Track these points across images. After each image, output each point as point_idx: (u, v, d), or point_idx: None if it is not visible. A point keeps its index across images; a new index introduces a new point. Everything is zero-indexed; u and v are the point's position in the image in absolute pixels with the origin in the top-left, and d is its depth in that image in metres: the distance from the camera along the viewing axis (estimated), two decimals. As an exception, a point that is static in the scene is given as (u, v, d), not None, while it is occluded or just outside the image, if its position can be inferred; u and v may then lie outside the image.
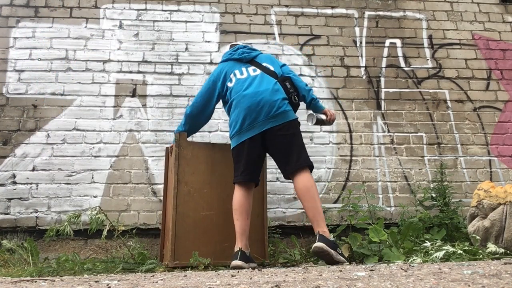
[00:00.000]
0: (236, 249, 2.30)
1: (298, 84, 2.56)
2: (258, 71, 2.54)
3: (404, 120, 3.71)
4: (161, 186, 3.30)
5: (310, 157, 2.45)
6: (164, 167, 2.82)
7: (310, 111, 2.59)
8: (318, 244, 2.15)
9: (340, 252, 2.25)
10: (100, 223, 2.53)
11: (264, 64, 2.58)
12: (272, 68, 2.57)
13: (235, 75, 2.56)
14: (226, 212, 2.49)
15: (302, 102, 2.62)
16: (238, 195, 2.41)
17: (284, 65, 2.69)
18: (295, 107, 2.55)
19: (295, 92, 2.52)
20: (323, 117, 2.58)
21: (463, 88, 3.86)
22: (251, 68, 2.56)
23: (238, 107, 2.46)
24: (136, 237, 2.89)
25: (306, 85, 2.62)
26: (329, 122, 2.62)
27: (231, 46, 2.88)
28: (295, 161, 2.39)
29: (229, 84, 2.57)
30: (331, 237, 2.27)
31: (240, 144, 2.44)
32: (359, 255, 2.53)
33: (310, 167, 2.41)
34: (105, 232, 2.53)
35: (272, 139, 2.41)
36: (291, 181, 2.43)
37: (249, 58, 2.62)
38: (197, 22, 3.74)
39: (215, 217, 2.57)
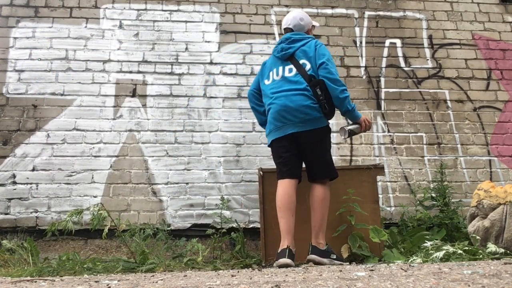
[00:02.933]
0: (283, 247, 2.27)
1: (331, 92, 2.39)
2: (293, 72, 2.49)
3: (404, 120, 3.71)
4: (161, 186, 3.31)
5: None
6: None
7: (342, 125, 2.60)
8: (310, 256, 2.29)
9: (335, 257, 2.33)
10: (102, 220, 2.52)
11: (301, 62, 2.48)
12: (307, 68, 2.47)
13: (272, 74, 2.58)
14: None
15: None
16: (281, 192, 2.41)
17: (322, 63, 2.42)
18: (329, 113, 2.44)
19: (325, 99, 2.39)
20: (355, 129, 2.53)
21: (463, 88, 3.86)
22: (287, 68, 2.52)
23: (271, 109, 2.51)
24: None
25: (342, 91, 2.38)
26: (363, 131, 2.58)
27: (282, 32, 2.74)
28: (313, 171, 2.47)
29: (266, 82, 2.61)
30: (324, 247, 2.35)
31: (272, 143, 2.54)
32: (359, 255, 2.53)
33: (330, 177, 2.48)
34: (106, 230, 2.53)
35: (298, 142, 2.45)
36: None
37: (287, 56, 2.53)
38: (197, 22, 3.74)
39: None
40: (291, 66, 2.51)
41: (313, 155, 2.45)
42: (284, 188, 2.40)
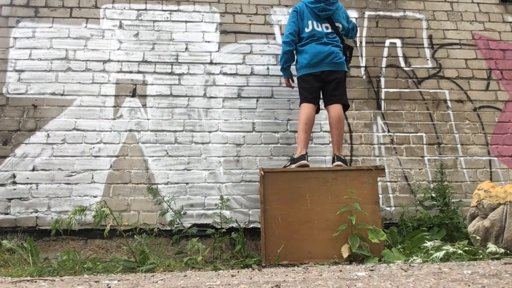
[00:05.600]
0: (303, 153, 2.94)
1: (352, 36, 3.48)
2: (330, 30, 3.17)
3: (404, 120, 3.71)
4: (161, 186, 3.31)
5: (310, 157, 2.89)
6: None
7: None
8: (338, 162, 2.92)
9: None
10: (105, 217, 2.52)
11: (337, 25, 3.21)
12: (340, 29, 3.22)
13: (312, 24, 3.15)
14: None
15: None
16: (309, 112, 3.04)
17: (350, 28, 3.35)
18: (347, 63, 3.30)
19: (349, 61, 3.33)
20: None
21: (463, 88, 3.86)
22: (324, 25, 3.18)
23: (310, 51, 3.09)
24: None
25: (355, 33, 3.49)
26: None
27: None
28: (338, 95, 3.10)
29: (306, 29, 3.15)
30: (342, 156, 3.03)
31: (305, 76, 3.11)
32: (359, 255, 2.53)
33: (345, 106, 3.15)
34: (108, 227, 2.53)
35: (329, 77, 3.08)
36: (326, 110, 3.14)
37: (326, 17, 3.18)
38: (197, 22, 3.74)
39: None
40: (328, 24, 3.18)
41: (340, 87, 3.12)
42: (311, 110, 3.06)
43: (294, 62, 3.27)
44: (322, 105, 3.22)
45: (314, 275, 1.65)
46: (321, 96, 3.19)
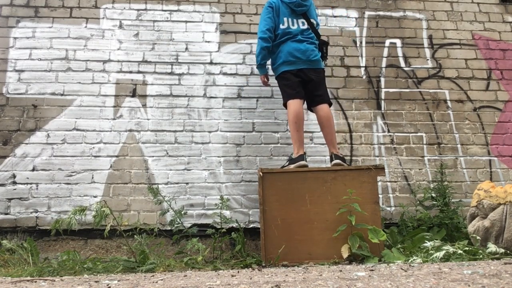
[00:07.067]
0: (301, 153, 2.89)
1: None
2: (306, 26, 3.13)
3: (404, 120, 3.71)
4: (161, 186, 3.31)
5: (310, 157, 2.91)
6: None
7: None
8: (336, 161, 2.88)
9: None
10: (105, 217, 2.52)
11: (312, 21, 3.17)
12: (314, 25, 3.18)
13: (288, 21, 3.11)
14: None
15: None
16: (297, 108, 2.94)
17: (318, 25, 3.27)
18: (323, 59, 3.25)
19: (326, 57, 3.24)
20: None
21: (463, 88, 3.86)
22: (300, 21, 3.13)
23: (285, 49, 3.04)
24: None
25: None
26: None
27: None
28: (322, 95, 3.06)
29: (281, 26, 3.09)
30: (339, 153, 2.98)
31: (282, 73, 3.05)
32: (359, 255, 2.53)
33: (330, 104, 3.10)
34: (108, 227, 2.53)
35: (307, 75, 3.03)
36: (313, 112, 3.12)
37: (301, 12, 3.14)
38: (197, 22, 3.74)
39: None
40: (303, 20, 3.14)
41: (321, 85, 3.09)
42: (298, 106, 2.96)
43: (270, 61, 3.23)
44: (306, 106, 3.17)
45: (314, 275, 1.65)
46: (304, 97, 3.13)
